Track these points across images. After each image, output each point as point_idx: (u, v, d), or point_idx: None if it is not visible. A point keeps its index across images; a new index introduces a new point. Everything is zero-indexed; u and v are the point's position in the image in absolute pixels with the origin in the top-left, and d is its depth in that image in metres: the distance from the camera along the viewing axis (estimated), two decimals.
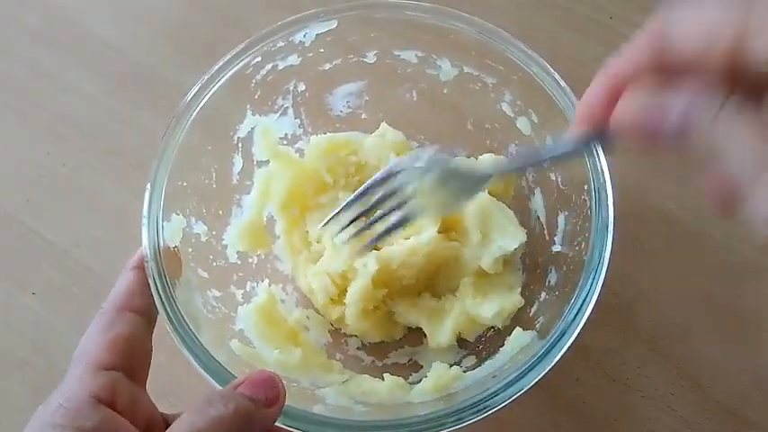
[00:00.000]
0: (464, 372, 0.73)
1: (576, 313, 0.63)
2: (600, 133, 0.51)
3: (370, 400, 0.72)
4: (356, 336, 0.82)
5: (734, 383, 0.81)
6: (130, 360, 0.59)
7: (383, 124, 0.86)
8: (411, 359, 0.82)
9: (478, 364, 0.75)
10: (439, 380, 0.71)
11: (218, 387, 0.62)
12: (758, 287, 0.86)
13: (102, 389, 0.55)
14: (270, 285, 0.82)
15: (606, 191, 0.68)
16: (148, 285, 0.64)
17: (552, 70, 0.74)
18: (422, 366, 0.80)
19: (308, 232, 0.85)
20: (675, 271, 0.87)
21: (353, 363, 0.81)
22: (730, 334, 0.83)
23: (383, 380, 0.74)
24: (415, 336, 0.82)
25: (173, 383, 0.82)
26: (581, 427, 0.79)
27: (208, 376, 0.62)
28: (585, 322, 0.63)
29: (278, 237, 0.86)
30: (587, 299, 0.64)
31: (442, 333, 0.79)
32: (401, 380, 0.74)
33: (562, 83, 0.73)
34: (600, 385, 0.81)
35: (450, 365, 0.77)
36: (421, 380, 0.73)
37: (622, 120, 0.48)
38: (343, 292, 0.79)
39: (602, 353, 0.82)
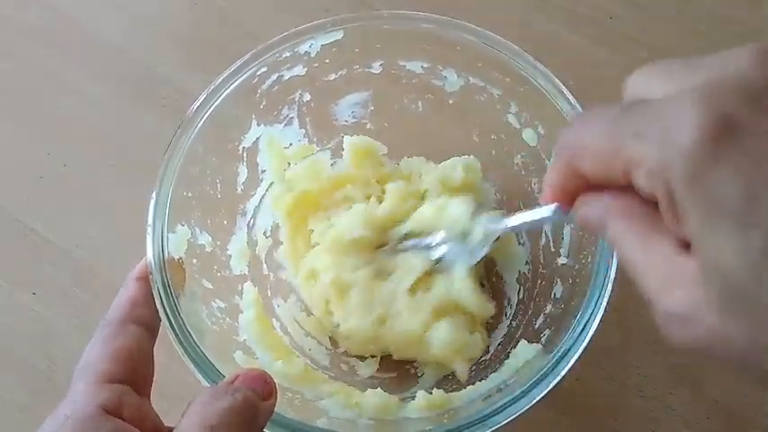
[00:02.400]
0: (457, 390, 0.72)
1: (582, 329, 0.63)
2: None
3: (364, 413, 0.71)
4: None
5: (734, 383, 0.81)
6: (135, 373, 0.59)
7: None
8: (413, 370, 0.81)
9: (481, 373, 0.75)
10: (429, 401, 0.70)
11: None
12: None
13: (109, 401, 0.54)
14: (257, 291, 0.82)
15: None
16: (152, 296, 0.64)
17: (559, 83, 0.73)
18: (421, 377, 0.80)
19: (311, 231, 0.85)
20: None
21: (351, 374, 0.81)
22: None
23: (373, 393, 0.73)
24: None
25: (173, 384, 0.81)
26: (579, 427, 0.79)
27: None
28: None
29: (281, 243, 0.86)
30: (593, 315, 0.63)
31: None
32: (386, 395, 0.73)
33: (569, 95, 0.73)
34: (599, 384, 0.81)
35: (450, 375, 0.78)
36: (415, 396, 0.72)
37: (575, 214, 0.49)
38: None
39: (602, 352, 0.82)
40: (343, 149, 0.86)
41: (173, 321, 0.64)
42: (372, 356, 0.81)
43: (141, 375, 0.60)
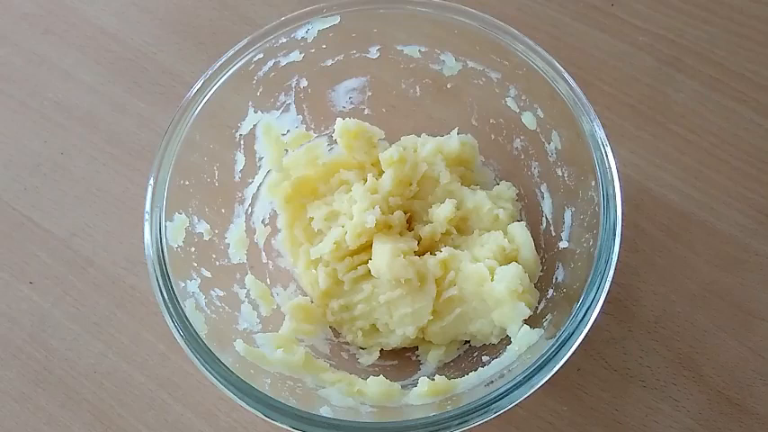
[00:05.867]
0: (459, 377, 0.72)
1: (584, 315, 0.63)
2: None
3: (366, 401, 0.71)
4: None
5: (736, 373, 0.81)
6: None
7: None
8: (414, 357, 0.81)
9: (479, 358, 0.75)
10: (432, 387, 0.70)
11: (223, 388, 0.61)
12: (759, 276, 0.86)
13: None
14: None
15: (614, 188, 0.67)
16: None
17: (558, 65, 0.73)
18: (422, 364, 0.80)
19: (311, 219, 0.84)
20: (676, 260, 0.86)
21: (353, 362, 0.81)
22: (732, 323, 0.83)
23: (375, 381, 0.73)
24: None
25: (172, 373, 0.82)
26: (581, 417, 0.79)
27: (213, 379, 0.62)
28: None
29: (279, 231, 0.86)
30: (594, 301, 0.63)
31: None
32: (388, 382, 0.73)
33: (568, 77, 0.72)
34: (601, 375, 0.81)
35: (451, 362, 0.78)
36: (417, 383, 0.72)
37: None
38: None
39: (604, 342, 0.82)
40: None
41: (172, 311, 0.64)
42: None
43: None
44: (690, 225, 0.88)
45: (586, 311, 0.63)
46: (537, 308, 0.75)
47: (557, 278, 0.75)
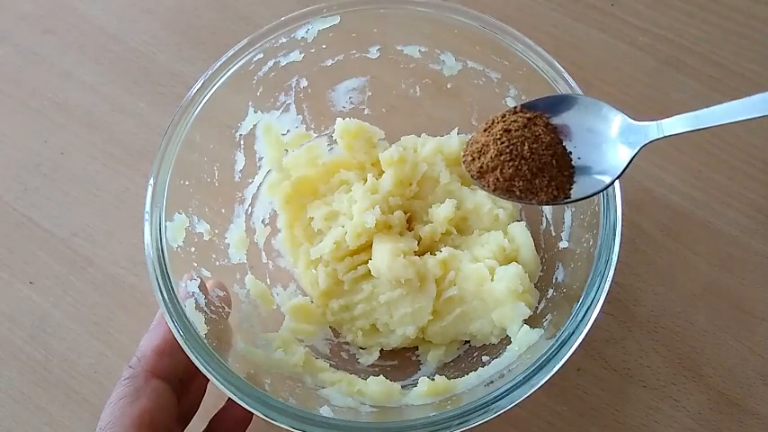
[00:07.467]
0: (459, 377, 0.72)
1: (584, 315, 0.62)
2: None
3: (366, 401, 0.71)
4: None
5: (736, 373, 0.81)
6: None
7: None
8: (414, 357, 0.81)
9: (479, 358, 0.75)
10: (432, 387, 0.70)
11: (223, 388, 0.61)
12: (759, 276, 0.86)
13: None
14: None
15: (614, 188, 0.67)
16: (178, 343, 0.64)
17: (558, 65, 0.73)
18: (422, 364, 0.80)
19: (311, 219, 0.84)
20: (676, 260, 0.86)
21: (353, 362, 0.81)
22: (732, 324, 0.83)
23: (375, 381, 0.73)
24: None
25: None
26: (581, 417, 0.79)
27: (213, 379, 0.62)
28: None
29: (279, 231, 0.86)
30: (594, 301, 0.63)
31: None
32: (388, 382, 0.73)
33: (568, 77, 0.72)
34: (601, 375, 0.81)
35: (451, 362, 0.78)
36: (417, 383, 0.72)
37: None
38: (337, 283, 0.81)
39: (604, 342, 0.82)
40: None
41: (172, 310, 0.64)
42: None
43: None
44: (690, 225, 0.88)
45: (586, 311, 0.63)
46: (537, 308, 0.75)
47: (557, 278, 0.75)
